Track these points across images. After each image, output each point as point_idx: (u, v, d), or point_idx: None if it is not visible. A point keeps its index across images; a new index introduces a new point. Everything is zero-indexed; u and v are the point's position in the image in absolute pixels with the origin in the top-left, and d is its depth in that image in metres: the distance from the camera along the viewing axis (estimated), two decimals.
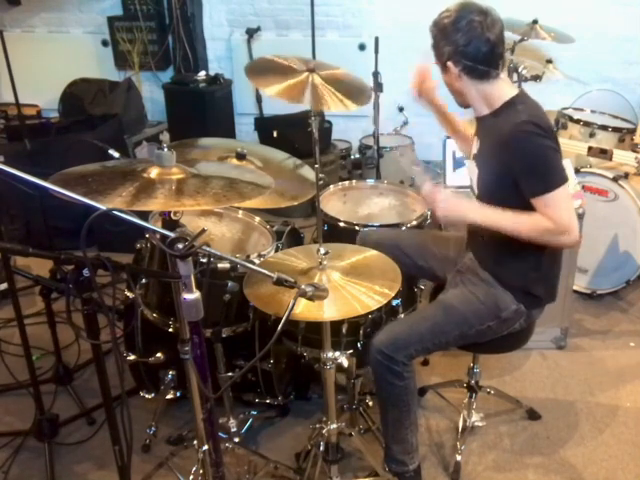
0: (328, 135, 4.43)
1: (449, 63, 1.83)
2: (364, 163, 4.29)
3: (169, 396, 2.31)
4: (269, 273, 1.39)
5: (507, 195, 1.84)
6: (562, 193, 1.77)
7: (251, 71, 1.99)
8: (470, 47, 1.78)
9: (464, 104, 1.97)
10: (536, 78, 3.35)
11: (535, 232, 1.80)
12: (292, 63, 1.95)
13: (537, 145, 1.77)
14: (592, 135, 3.31)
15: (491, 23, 1.77)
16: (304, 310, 1.61)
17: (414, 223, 2.39)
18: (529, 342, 2.11)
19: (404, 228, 2.38)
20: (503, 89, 1.88)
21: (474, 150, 2.00)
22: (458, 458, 2.21)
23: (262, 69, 2.00)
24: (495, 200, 1.88)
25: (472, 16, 1.76)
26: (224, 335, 2.07)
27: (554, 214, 1.76)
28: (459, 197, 1.91)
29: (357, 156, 4.39)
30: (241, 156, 2.17)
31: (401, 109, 4.54)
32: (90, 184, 1.38)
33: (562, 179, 1.78)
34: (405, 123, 4.61)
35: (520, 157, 1.78)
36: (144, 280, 2.17)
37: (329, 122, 4.44)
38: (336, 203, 2.66)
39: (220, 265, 1.96)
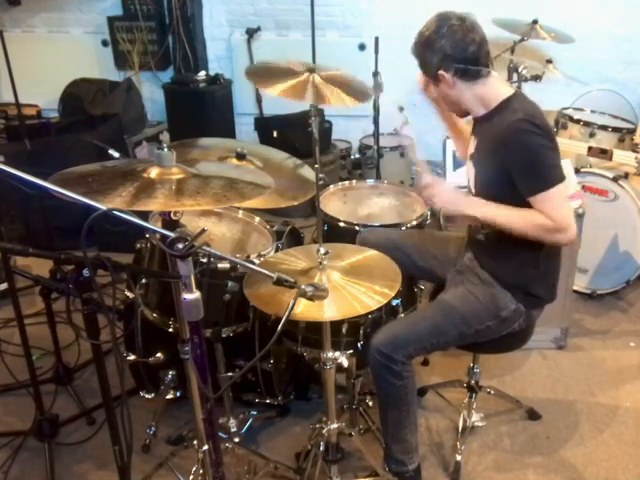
0: (328, 135, 4.43)
1: (440, 72, 1.84)
2: (364, 163, 4.29)
3: (169, 396, 2.31)
4: (269, 273, 1.39)
5: (504, 194, 1.85)
6: (559, 191, 1.78)
7: (251, 74, 2.00)
8: (457, 49, 1.80)
9: (462, 113, 1.98)
10: (536, 78, 3.36)
11: (531, 228, 1.80)
12: (291, 65, 1.95)
13: (533, 143, 1.77)
14: (592, 135, 3.31)
15: (471, 26, 1.81)
16: (304, 310, 1.60)
17: (414, 223, 2.39)
18: (529, 342, 2.11)
19: (404, 228, 2.38)
20: (497, 88, 1.89)
21: (471, 150, 2.00)
22: (458, 458, 2.21)
23: (262, 72, 2.01)
24: (492, 199, 1.89)
25: (451, 22, 1.80)
26: (224, 335, 2.07)
27: (551, 212, 1.77)
28: (458, 191, 1.92)
29: (357, 156, 4.39)
30: (241, 156, 2.17)
31: (401, 109, 4.54)
32: (90, 184, 1.38)
33: (559, 177, 1.78)
34: (405, 123, 4.61)
35: (516, 155, 1.78)
36: (144, 280, 2.17)
37: (329, 122, 4.44)
38: (336, 203, 2.66)
39: (220, 265, 1.96)
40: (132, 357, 2.23)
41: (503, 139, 1.79)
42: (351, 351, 2.12)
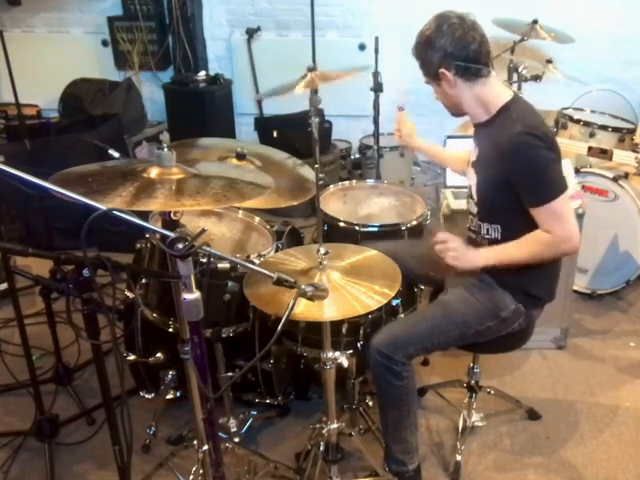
0: (328, 135, 4.43)
1: (441, 70, 1.84)
2: (364, 163, 4.29)
3: (169, 396, 2.31)
4: (269, 273, 1.39)
5: (506, 202, 1.86)
6: (561, 203, 1.78)
7: None
8: (458, 47, 1.80)
9: (460, 114, 1.97)
10: (536, 78, 3.36)
11: (541, 249, 1.82)
12: None
13: (535, 157, 1.77)
14: (592, 135, 3.31)
15: (471, 24, 1.82)
16: (304, 310, 1.60)
17: (414, 223, 2.39)
18: (529, 342, 2.11)
19: (404, 228, 2.37)
20: (498, 92, 1.88)
21: (473, 157, 2.00)
22: (458, 458, 2.21)
23: None
24: (494, 206, 1.90)
25: (452, 20, 1.81)
26: (224, 335, 2.07)
27: (553, 224, 1.78)
28: (467, 248, 1.92)
29: (357, 156, 4.39)
30: (241, 156, 2.17)
31: (401, 109, 4.53)
32: (90, 184, 1.38)
33: (561, 189, 1.78)
34: None
35: (519, 169, 1.78)
36: (144, 280, 2.17)
37: (329, 122, 4.44)
38: (336, 203, 2.66)
39: (220, 265, 1.96)
40: (132, 357, 2.23)
41: (505, 152, 1.79)
42: (351, 351, 2.12)
